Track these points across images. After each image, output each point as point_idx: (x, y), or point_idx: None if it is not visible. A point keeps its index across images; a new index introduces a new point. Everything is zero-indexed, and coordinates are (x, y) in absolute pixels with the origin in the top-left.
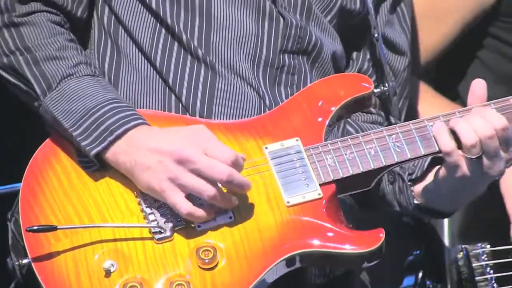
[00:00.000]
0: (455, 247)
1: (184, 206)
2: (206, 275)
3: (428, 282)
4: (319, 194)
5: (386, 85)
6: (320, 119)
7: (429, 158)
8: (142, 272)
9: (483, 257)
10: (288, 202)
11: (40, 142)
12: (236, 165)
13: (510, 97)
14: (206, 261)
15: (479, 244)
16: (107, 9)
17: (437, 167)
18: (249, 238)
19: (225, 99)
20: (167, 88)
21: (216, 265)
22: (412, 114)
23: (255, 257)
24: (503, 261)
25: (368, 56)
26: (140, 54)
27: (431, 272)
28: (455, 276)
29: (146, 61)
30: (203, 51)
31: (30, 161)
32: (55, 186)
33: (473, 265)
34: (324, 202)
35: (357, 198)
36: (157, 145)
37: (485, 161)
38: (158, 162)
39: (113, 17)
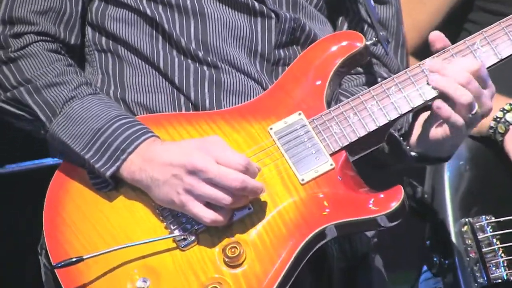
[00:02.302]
0: (459, 221)
1: (207, 216)
2: (237, 272)
3: (435, 258)
4: (331, 165)
5: (377, 35)
6: (318, 85)
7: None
8: (175, 283)
9: (488, 229)
10: (302, 180)
11: None
12: (249, 170)
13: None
14: (234, 258)
15: (483, 216)
16: (100, 28)
17: (425, 117)
18: (271, 225)
19: (232, 93)
20: (175, 89)
21: (245, 260)
22: None
23: (282, 243)
24: (508, 231)
25: (352, 16)
26: (142, 60)
27: (438, 247)
28: (462, 249)
29: (150, 66)
30: (202, 52)
31: (47, 193)
32: (74, 212)
33: (479, 237)
34: (337, 171)
35: (366, 161)
36: (169, 158)
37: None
38: (173, 176)
39: (108, 34)
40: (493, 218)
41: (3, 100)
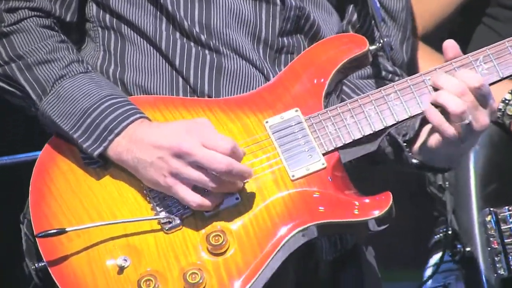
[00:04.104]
0: (483, 210)
1: (193, 199)
2: (218, 261)
3: (459, 246)
4: (323, 164)
5: (381, 41)
6: (318, 84)
7: (420, 117)
8: (155, 264)
9: (510, 220)
10: (293, 176)
11: None
12: (235, 154)
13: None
14: (217, 246)
15: (506, 207)
16: (104, 6)
17: (430, 129)
18: (257, 217)
19: (232, 79)
20: (174, 71)
21: (228, 249)
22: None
23: (266, 236)
24: None
25: (361, 7)
26: (145, 40)
27: (461, 236)
28: (484, 239)
29: (151, 47)
30: (205, 36)
31: (36, 163)
32: (62, 185)
33: (502, 228)
34: (328, 172)
35: (364, 159)
36: (156, 140)
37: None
38: (159, 158)
39: (113, 12)
40: None
41: None
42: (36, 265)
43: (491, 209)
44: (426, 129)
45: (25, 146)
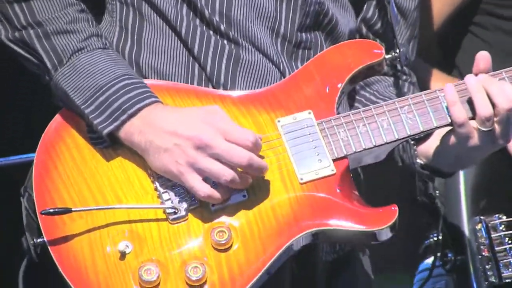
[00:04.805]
0: (473, 218)
1: (202, 190)
2: (221, 257)
3: (449, 254)
4: (332, 170)
5: (397, 50)
6: (332, 89)
7: None
8: (157, 254)
9: (500, 228)
10: (301, 179)
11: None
12: (256, 147)
13: None
14: (221, 242)
15: (496, 215)
16: None
17: (444, 131)
18: (263, 217)
19: (248, 71)
20: (192, 57)
21: (231, 246)
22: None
23: (270, 236)
24: None
25: (377, 8)
26: (165, 23)
27: (452, 244)
28: (475, 247)
29: (171, 30)
30: (225, 26)
31: (42, 136)
32: (68, 162)
33: (492, 235)
34: (337, 179)
35: None
36: (174, 127)
37: (497, 132)
38: (175, 145)
39: None
40: (504, 217)
41: (10, 40)
42: (35, 240)
43: (481, 217)
44: (438, 131)
45: (25, 144)
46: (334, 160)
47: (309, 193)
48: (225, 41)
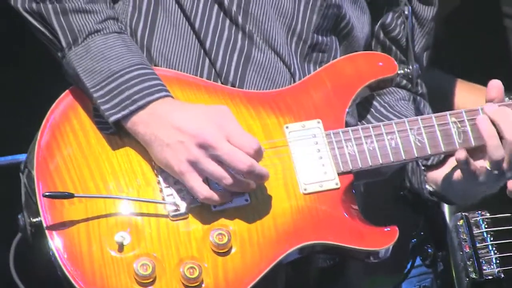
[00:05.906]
0: (455, 214)
1: (201, 191)
2: (218, 260)
3: (430, 250)
4: (337, 184)
5: (410, 67)
6: (342, 101)
7: None
8: (155, 249)
9: (483, 225)
10: (305, 189)
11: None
12: (258, 155)
13: None
14: (220, 245)
15: (479, 212)
16: None
17: (454, 162)
18: (263, 224)
19: (258, 70)
20: (203, 51)
21: (229, 250)
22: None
23: (268, 244)
24: (502, 229)
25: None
26: (179, 11)
27: (433, 239)
28: (456, 243)
29: (184, 19)
30: (241, 18)
31: (48, 113)
32: (72, 144)
33: (474, 232)
34: (340, 193)
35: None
36: (180, 123)
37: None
38: (179, 142)
39: None
40: (487, 214)
41: (26, 10)
42: (31, 219)
43: (463, 213)
44: (451, 160)
45: (25, 144)
46: (339, 174)
47: (311, 204)
48: (239, 36)
